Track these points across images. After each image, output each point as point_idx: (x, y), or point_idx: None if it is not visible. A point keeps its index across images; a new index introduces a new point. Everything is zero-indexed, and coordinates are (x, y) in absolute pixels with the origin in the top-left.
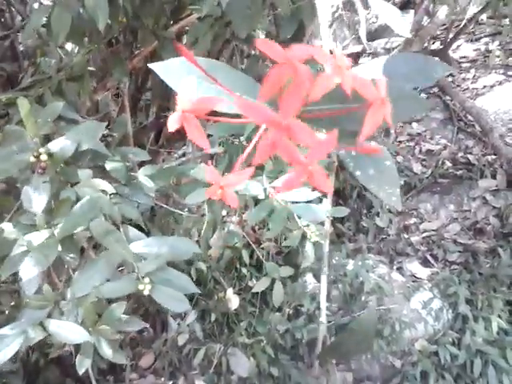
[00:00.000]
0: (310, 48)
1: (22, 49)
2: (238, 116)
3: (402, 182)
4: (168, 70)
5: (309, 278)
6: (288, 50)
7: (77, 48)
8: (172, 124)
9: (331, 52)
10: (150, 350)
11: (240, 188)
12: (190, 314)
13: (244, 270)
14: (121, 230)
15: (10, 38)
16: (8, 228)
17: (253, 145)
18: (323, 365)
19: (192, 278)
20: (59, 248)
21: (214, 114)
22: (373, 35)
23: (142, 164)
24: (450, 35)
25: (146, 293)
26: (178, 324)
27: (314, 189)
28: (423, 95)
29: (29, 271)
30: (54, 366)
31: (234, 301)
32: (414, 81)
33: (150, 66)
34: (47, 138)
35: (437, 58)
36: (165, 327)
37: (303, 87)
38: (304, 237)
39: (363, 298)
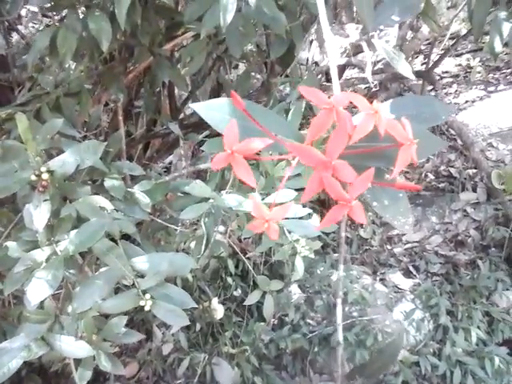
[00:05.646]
0: (349, 95)
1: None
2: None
3: None
4: (209, 110)
5: (294, 288)
6: (331, 97)
7: (74, 64)
8: (218, 163)
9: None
10: (134, 360)
11: (234, 205)
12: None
13: (229, 280)
14: (119, 245)
15: None
16: (11, 245)
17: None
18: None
19: None
20: None
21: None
22: (358, 48)
23: (132, 176)
24: (434, 50)
25: (147, 308)
26: (163, 333)
27: (304, 205)
28: None
29: (39, 293)
30: (36, 375)
31: (219, 310)
32: (422, 122)
33: (191, 105)
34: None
35: (440, 100)
36: (149, 336)
37: (346, 131)
38: (293, 249)
39: (347, 309)
